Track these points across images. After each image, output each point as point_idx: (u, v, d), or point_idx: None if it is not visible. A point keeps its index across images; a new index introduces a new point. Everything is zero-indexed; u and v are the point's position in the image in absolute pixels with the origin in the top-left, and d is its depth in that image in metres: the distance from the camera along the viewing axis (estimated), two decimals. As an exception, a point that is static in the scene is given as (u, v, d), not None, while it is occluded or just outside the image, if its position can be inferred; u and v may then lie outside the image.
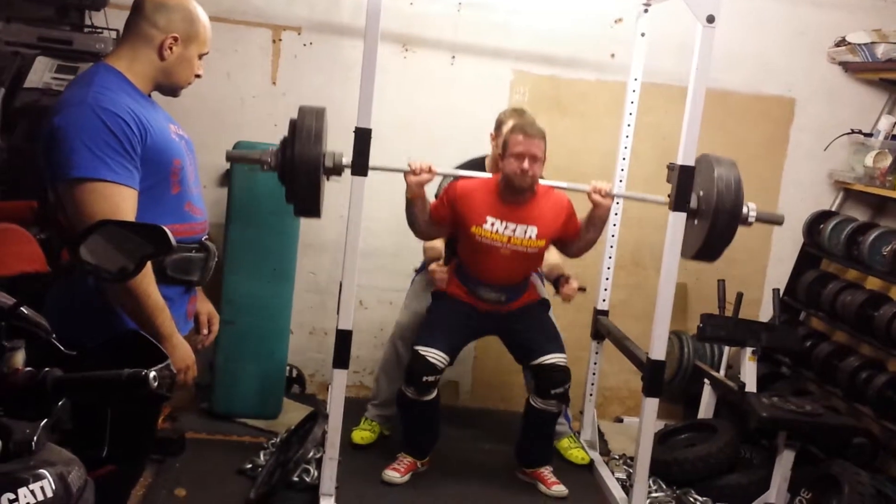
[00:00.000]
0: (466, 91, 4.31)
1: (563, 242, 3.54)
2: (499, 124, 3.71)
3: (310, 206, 3.09)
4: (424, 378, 3.42)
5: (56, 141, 1.90)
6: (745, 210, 3.19)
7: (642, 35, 3.86)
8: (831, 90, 4.55)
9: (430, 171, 3.20)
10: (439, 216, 3.43)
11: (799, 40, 4.48)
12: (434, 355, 3.43)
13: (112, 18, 3.67)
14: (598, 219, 3.41)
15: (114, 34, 3.56)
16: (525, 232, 3.40)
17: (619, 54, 4.31)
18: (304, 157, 2.98)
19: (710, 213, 3.14)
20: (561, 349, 3.57)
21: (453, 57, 4.32)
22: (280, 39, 4.21)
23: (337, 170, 3.10)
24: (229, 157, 3.18)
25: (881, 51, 4.16)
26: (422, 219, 3.37)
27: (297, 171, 2.99)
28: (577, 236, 3.49)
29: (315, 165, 3.00)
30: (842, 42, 4.38)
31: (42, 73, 3.34)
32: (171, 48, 2.08)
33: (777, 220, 3.45)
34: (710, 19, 3.00)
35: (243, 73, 4.19)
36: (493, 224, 3.39)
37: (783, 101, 4.56)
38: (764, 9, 4.42)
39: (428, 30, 4.27)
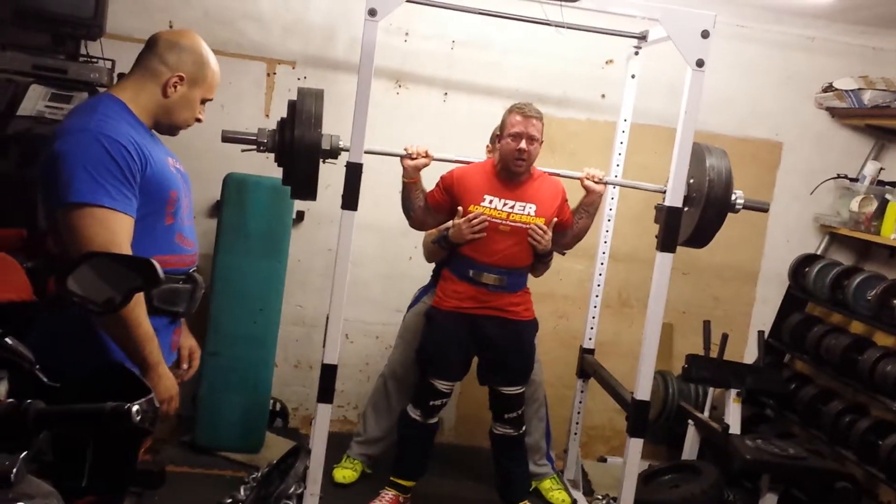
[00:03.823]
0: (459, 128, 4.33)
1: (557, 232, 3.46)
2: (494, 138, 3.70)
3: (307, 188, 3.11)
4: (432, 402, 3.49)
5: (57, 166, 1.91)
6: (733, 198, 3.28)
7: (633, 77, 3.90)
8: (818, 135, 4.61)
9: (426, 155, 3.26)
10: (435, 203, 3.44)
11: (787, 85, 4.55)
12: (445, 386, 3.49)
13: (108, 49, 3.69)
14: (590, 205, 3.44)
15: (108, 64, 3.58)
16: (524, 208, 3.39)
17: (610, 95, 4.36)
18: (303, 140, 2.98)
19: (702, 201, 3.22)
20: (524, 380, 3.56)
21: (446, 94, 4.35)
22: (275, 73, 4.24)
23: (333, 153, 3.10)
24: (225, 138, 3.14)
25: (868, 97, 4.22)
26: (417, 204, 3.39)
27: (295, 154, 2.99)
28: (570, 223, 3.48)
29: (314, 149, 3.00)
30: (829, 88, 4.44)
31: (36, 101, 3.35)
32: (175, 86, 2.11)
33: (763, 208, 3.50)
34: (700, 63, 3.05)
35: (237, 106, 4.20)
36: (490, 201, 3.38)
37: (770, 144, 4.61)
38: (753, 54, 4.48)
39: (422, 66, 4.32)
